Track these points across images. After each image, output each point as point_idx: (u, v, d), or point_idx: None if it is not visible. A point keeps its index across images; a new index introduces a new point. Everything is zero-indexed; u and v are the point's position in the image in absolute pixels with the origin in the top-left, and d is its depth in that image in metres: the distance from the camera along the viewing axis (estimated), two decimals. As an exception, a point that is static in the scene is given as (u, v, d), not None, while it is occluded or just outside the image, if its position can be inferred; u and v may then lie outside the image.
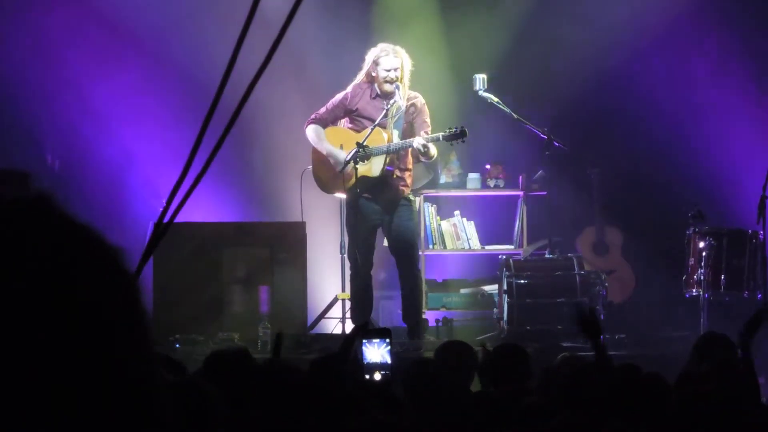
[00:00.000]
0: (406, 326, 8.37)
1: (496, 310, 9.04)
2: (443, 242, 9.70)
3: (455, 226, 9.72)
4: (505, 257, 8.83)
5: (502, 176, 9.77)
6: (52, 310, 1.01)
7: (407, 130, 8.23)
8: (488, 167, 9.81)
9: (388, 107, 8.13)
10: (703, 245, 8.34)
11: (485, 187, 9.81)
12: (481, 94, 8.85)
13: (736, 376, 4.51)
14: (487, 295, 9.54)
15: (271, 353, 5.01)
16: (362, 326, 5.16)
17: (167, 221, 1.65)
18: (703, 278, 8.27)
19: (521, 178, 9.64)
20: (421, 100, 8.29)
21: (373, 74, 8.24)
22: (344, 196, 8.38)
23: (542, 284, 8.55)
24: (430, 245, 9.63)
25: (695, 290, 8.38)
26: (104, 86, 9.79)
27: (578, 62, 9.88)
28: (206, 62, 8.66)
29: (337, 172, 8.26)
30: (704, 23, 9.89)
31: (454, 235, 9.72)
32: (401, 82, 8.17)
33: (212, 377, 3.97)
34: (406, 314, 8.39)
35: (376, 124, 8.10)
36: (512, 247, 9.64)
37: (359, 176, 8.10)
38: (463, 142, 8.14)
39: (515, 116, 8.79)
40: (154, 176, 9.56)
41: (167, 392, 1.08)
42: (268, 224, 9.11)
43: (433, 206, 9.70)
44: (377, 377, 4.90)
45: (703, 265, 8.29)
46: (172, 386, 3.31)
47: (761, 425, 3.91)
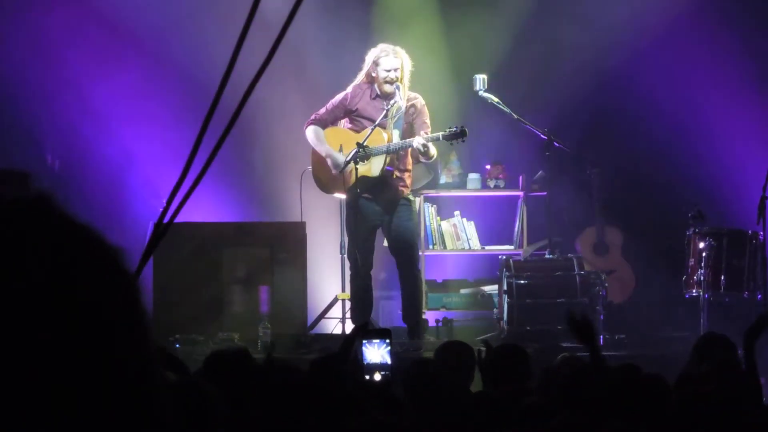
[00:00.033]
0: (406, 326, 8.37)
1: (496, 310, 9.04)
2: (443, 242, 9.70)
3: (455, 226, 9.72)
4: (505, 257, 8.83)
5: (502, 176, 9.76)
6: (52, 310, 1.01)
7: (407, 130, 8.23)
8: (488, 167, 9.81)
9: (388, 107, 8.12)
10: (703, 245, 8.34)
11: (485, 187, 9.80)
12: (481, 94, 8.85)
13: (736, 376, 4.51)
14: (487, 295, 9.54)
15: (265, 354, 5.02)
16: (362, 326, 5.16)
17: (167, 221, 1.65)
18: (703, 279, 8.27)
19: (521, 178, 9.64)
20: (421, 101, 8.29)
21: (373, 75, 8.24)
22: (344, 196, 8.38)
23: (542, 284, 8.55)
24: (430, 245, 9.63)
25: (695, 291, 8.37)
26: (104, 86, 9.79)
27: (578, 62, 9.88)
28: (206, 62, 8.66)
29: (333, 174, 8.26)
30: (704, 23, 9.88)
31: (454, 235, 9.72)
32: (401, 82, 8.17)
33: (212, 377, 3.97)
34: (406, 314, 8.39)
35: (376, 124, 8.09)
36: (512, 247, 9.64)
37: (359, 176, 8.10)
38: (463, 141, 8.13)
39: (515, 116, 8.80)
40: (154, 176, 9.55)
41: (167, 392, 1.08)
42: (268, 224, 9.12)
43: (433, 206, 9.70)
44: (377, 378, 4.90)
45: (703, 265, 8.29)
46: (172, 386, 3.31)
47: (761, 426, 3.91)
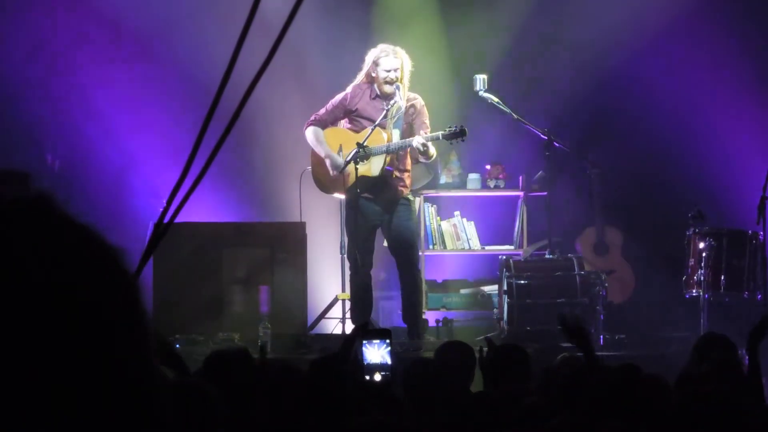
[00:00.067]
0: (406, 326, 8.37)
1: (496, 310, 9.04)
2: (443, 242, 9.70)
3: (455, 226, 9.72)
4: (505, 257, 8.82)
5: (502, 176, 9.76)
6: (52, 310, 1.01)
7: (407, 131, 8.23)
8: (488, 167, 9.81)
9: (388, 108, 8.12)
10: (703, 246, 8.33)
11: (485, 187, 9.80)
12: (481, 94, 8.85)
13: (736, 376, 4.51)
14: (487, 295, 9.54)
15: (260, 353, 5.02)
16: (362, 326, 5.16)
17: (167, 221, 1.65)
18: (703, 279, 8.27)
19: (521, 178, 9.64)
20: (420, 101, 8.29)
21: (372, 75, 8.24)
22: (343, 196, 8.38)
23: (542, 285, 8.55)
24: (430, 245, 9.63)
25: (695, 291, 8.37)
26: (105, 87, 9.80)
27: (578, 62, 9.88)
28: (206, 62, 8.66)
29: (332, 175, 8.26)
30: (704, 23, 9.88)
31: (454, 235, 9.72)
32: (401, 82, 8.17)
33: (212, 377, 3.97)
34: (406, 314, 8.39)
35: (376, 124, 8.09)
36: (512, 247, 9.64)
37: (359, 176, 8.10)
38: (462, 140, 8.13)
39: (515, 116, 8.80)
40: (154, 176, 9.55)
41: (167, 392, 1.08)
42: (268, 224, 9.12)
43: (433, 206, 9.69)
44: (377, 378, 4.90)
45: (703, 265, 8.28)
46: (172, 386, 3.31)
47: (761, 426, 3.91)
